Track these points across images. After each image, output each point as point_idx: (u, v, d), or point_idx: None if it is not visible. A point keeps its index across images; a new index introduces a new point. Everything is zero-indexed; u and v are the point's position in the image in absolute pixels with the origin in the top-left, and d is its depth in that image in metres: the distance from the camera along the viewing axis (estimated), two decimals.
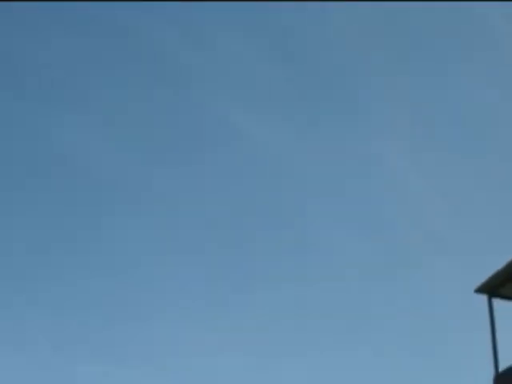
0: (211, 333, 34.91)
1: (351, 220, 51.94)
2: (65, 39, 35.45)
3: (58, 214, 41.30)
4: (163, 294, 37.39)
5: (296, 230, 48.39)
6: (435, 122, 45.84)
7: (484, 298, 12.76)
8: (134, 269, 38.61)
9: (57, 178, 44.15)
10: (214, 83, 44.56)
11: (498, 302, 12.89)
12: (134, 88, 42.07)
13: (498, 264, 12.24)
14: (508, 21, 31.98)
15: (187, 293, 37.10)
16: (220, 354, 34.17)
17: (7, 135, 37.98)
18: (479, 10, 33.46)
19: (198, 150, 47.66)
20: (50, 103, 38.96)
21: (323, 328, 45.82)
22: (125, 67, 40.65)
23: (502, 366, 12.20)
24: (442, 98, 44.74)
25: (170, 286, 37.88)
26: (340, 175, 47.79)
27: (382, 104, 44.37)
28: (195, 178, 46.39)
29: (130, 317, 35.67)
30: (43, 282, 37.45)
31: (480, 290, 12.69)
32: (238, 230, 44.61)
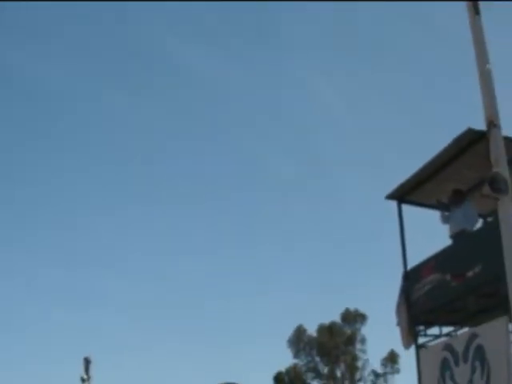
0: None
1: (280, 140, 53.59)
2: None
3: None
4: None
5: (231, 151, 49.74)
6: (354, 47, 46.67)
7: (394, 203, 13.72)
8: None
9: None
10: (151, 15, 44.40)
11: (406, 208, 13.87)
12: (76, 12, 41.54)
13: (407, 174, 13.20)
14: None
15: None
16: None
17: None
18: None
19: (136, 76, 47.77)
20: None
21: (253, 226, 48.17)
22: None
23: (410, 265, 13.34)
24: (363, 22, 45.60)
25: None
26: (273, 100, 48.83)
27: (306, 34, 45.08)
28: (136, 103, 46.56)
29: None
30: None
31: (390, 196, 13.66)
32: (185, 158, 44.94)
